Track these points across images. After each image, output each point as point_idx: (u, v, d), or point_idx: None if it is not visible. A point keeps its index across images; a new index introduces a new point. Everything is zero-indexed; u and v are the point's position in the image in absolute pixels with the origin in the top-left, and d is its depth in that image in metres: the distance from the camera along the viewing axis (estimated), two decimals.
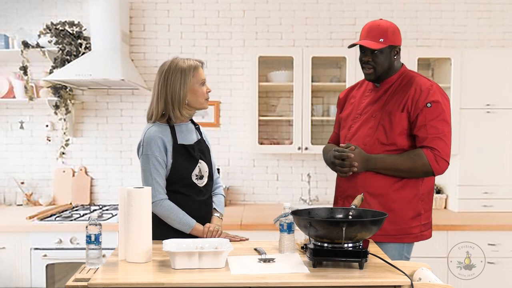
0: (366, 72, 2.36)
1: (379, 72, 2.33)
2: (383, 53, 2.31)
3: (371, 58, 2.31)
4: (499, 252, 3.36)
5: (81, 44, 3.83)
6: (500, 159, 3.69)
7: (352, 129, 2.42)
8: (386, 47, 2.31)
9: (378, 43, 2.28)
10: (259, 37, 4.07)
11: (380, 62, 2.31)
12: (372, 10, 4.05)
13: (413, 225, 2.34)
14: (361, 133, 2.37)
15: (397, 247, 2.33)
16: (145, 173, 2.26)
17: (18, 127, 4.05)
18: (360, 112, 2.42)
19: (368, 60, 2.32)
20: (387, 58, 2.33)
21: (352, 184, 2.35)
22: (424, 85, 2.30)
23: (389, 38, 2.30)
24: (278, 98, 4.06)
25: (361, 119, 2.39)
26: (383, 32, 2.29)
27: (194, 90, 2.31)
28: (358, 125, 2.40)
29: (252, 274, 1.73)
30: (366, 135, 2.35)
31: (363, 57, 2.34)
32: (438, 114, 2.28)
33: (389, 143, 2.30)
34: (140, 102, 4.06)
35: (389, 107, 2.33)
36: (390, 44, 2.31)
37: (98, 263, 1.85)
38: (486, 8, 4.06)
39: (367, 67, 2.34)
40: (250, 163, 4.11)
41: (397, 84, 2.37)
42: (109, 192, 4.07)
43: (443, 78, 3.85)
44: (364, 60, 2.34)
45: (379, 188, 2.30)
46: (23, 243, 3.29)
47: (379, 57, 2.30)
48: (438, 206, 3.91)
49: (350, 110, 2.49)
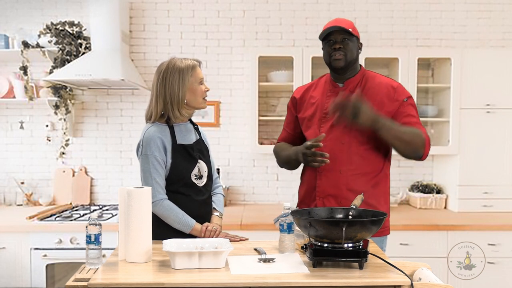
0: (336, 58, 2.35)
1: (349, 59, 2.36)
2: (352, 42, 2.36)
3: (342, 45, 2.35)
4: (499, 252, 3.36)
5: (81, 44, 3.83)
6: (500, 159, 3.69)
7: (323, 129, 2.41)
8: (355, 37, 2.37)
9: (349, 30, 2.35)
10: (259, 37, 4.07)
11: (350, 49, 2.35)
12: (372, 10, 4.05)
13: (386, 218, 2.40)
14: (336, 133, 2.37)
15: (378, 241, 2.37)
16: (145, 173, 2.26)
17: (18, 127, 4.06)
18: (327, 111, 2.41)
19: (340, 47, 2.35)
20: (355, 48, 2.39)
21: (332, 183, 2.36)
22: (394, 83, 2.42)
23: (355, 30, 2.38)
24: (278, 98, 4.06)
25: (331, 119, 2.37)
26: (351, 24, 2.38)
27: (192, 90, 2.31)
28: (329, 125, 2.39)
29: (252, 274, 1.73)
30: (342, 134, 2.36)
31: (333, 45, 2.36)
32: (413, 107, 2.39)
33: (367, 141, 2.33)
34: (140, 102, 4.06)
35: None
36: (357, 36, 2.39)
37: (98, 263, 1.85)
38: (486, 8, 4.06)
39: (337, 53, 2.35)
40: (250, 163, 4.11)
41: (363, 83, 2.42)
42: (109, 192, 4.07)
43: (443, 78, 3.85)
44: (335, 47, 2.35)
45: (360, 185, 2.33)
46: (23, 243, 3.30)
47: (349, 44, 2.35)
48: (438, 206, 3.91)
49: (314, 110, 2.47)
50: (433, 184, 3.99)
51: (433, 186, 3.97)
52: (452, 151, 3.71)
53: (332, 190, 2.36)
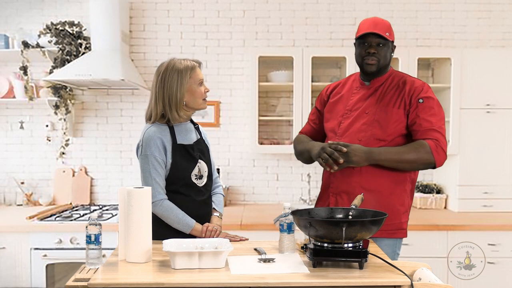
0: (369, 62, 2.35)
1: (382, 65, 2.36)
2: (387, 47, 2.35)
3: (377, 50, 2.34)
4: (499, 252, 3.36)
5: (81, 44, 3.83)
6: (500, 159, 3.69)
7: (343, 125, 2.42)
8: (390, 42, 2.37)
9: (385, 35, 2.33)
10: (259, 37, 4.07)
11: (384, 54, 2.35)
12: (372, 10, 4.05)
13: (403, 220, 2.38)
14: (354, 129, 2.37)
15: (391, 243, 2.35)
16: (145, 174, 2.26)
17: (18, 127, 4.05)
18: (350, 108, 2.43)
19: (374, 51, 2.34)
20: (389, 52, 2.38)
21: (345, 180, 2.35)
22: (418, 83, 2.38)
23: (391, 34, 2.36)
24: (278, 98, 4.06)
25: (352, 116, 2.41)
26: (388, 27, 2.35)
27: (191, 91, 2.31)
28: (349, 121, 2.41)
29: (252, 274, 1.73)
30: (359, 131, 2.36)
31: (368, 48, 2.35)
32: (431, 108, 2.32)
33: (384, 139, 2.32)
34: (140, 102, 4.06)
35: (384, 104, 2.36)
36: (392, 40, 2.38)
37: (98, 263, 1.85)
38: (486, 8, 4.06)
39: (371, 58, 2.34)
40: (250, 163, 4.11)
41: (389, 82, 2.41)
42: (109, 192, 4.07)
43: (443, 78, 3.85)
44: (370, 51, 2.34)
45: (374, 183, 2.31)
46: (23, 243, 3.29)
47: (384, 50, 2.34)
48: (438, 206, 3.91)
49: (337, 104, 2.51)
50: (433, 184, 3.99)
51: (433, 186, 3.97)
52: (452, 151, 3.71)
53: (345, 187, 2.35)
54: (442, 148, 2.27)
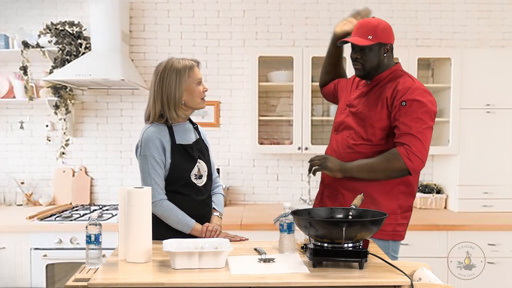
0: (355, 68, 2.39)
1: (368, 69, 2.35)
2: (372, 50, 2.31)
3: (360, 55, 2.33)
4: (499, 252, 3.36)
5: (81, 44, 3.83)
6: (500, 159, 3.69)
7: (338, 119, 2.49)
8: (375, 44, 2.30)
9: (366, 40, 2.29)
10: (259, 37, 4.07)
11: (368, 59, 2.32)
12: (372, 10, 4.00)
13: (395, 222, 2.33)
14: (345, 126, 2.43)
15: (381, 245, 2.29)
16: (144, 174, 2.26)
17: (18, 127, 4.06)
18: (348, 103, 2.47)
19: (356, 57, 2.34)
20: (376, 55, 2.32)
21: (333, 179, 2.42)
22: (403, 85, 2.28)
23: (378, 35, 2.29)
24: (278, 98, 4.06)
25: (346, 112, 2.46)
26: (372, 29, 2.29)
27: (190, 90, 2.31)
28: (343, 117, 2.46)
29: (252, 274, 1.73)
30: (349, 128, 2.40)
31: (352, 54, 2.37)
32: (412, 112, 2.21)
33: (369, 139, 2.32)
34: (140, 102, 4.06)
35: (370, 103, 2.36)
36: (379, 42, 2.30)
37: (98, 263, 1.85)
38: (486, 8, 4.06)
39: (355, 63, 2.37)
40: (250, 163, 4.11)
41: (385, 81, 2.38)
42: (109, 192, 4.07)
43: (443, 78, 3.85)
44: (352, 57, 2.36)
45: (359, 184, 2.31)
46: (23, 243, 3.30)
47: (367, 54, 2.31)
48: (438, 206, 3.91)
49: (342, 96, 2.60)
50: (433, 184, 3.99)
51: (433, 186, 3.97)
52: (452, 151, 3.71)
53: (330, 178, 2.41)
54: (415, 154, 2.18)
